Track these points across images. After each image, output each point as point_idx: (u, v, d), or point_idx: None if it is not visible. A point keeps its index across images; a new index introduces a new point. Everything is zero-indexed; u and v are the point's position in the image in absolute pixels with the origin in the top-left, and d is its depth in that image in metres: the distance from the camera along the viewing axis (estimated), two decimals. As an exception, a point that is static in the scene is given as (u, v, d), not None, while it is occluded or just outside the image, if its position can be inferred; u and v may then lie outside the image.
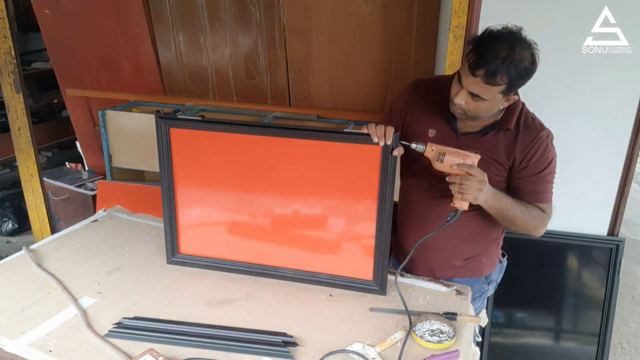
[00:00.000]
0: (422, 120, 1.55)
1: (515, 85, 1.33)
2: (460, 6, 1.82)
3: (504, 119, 1.45)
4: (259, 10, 2.63)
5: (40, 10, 3.17)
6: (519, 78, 1.30)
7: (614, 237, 2.07)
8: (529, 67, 1.30)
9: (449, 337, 1.26)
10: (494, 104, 1.36)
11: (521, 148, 1.44)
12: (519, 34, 1.29)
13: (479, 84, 1.30)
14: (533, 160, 1.44)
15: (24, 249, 1.66)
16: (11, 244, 3.74)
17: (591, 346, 2.19)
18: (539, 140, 1.43)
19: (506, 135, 1.45)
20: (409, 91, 1.60)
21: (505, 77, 1.27)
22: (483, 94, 1.32)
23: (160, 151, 1.50)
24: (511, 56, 1.25)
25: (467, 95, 1.34)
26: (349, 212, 1.46)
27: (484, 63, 1.26)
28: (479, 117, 1.42)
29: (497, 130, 1.46)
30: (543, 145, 1.44)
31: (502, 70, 1.26)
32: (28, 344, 1.23)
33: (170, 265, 1.61)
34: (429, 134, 1.53)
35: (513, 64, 1.26)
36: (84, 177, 3.46)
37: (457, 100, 1.36)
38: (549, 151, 1.45)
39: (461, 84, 1.34)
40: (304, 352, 1.23)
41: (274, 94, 2.82)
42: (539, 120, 1.47)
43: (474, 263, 1.61)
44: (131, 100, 3.09)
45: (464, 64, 1.33)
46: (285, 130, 1.42)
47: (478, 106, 1.36)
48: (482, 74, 1.27)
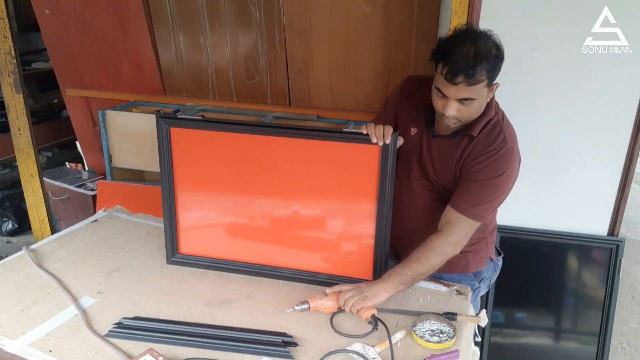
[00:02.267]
0: (407, 118, 1.59)
1: (494, 74, 1.35)
2: (460, 6, 1.82)
3: (471, 125, 1.45)
4: (259, 10, 2.63)
5: (40, 10, 3.16)
6: (494, 66, 1.33)
7: (614, 237, 2.07)
8: (498, 54, 1.33)
9: (449, 337, 1.26)
10: (482, 99, 1.39)
11: (471, 154, 1.44)
12: (472, 30, 1.35)
13: (463, 88, 1.32)
14: (473, 168, 1.43)
15: (24, 249, 1.66)
16: (11, 244, 3.74)
17: (591, 346, 2.19)
18: (491, 152, 1.41)
19: (468, 141, 1.46)
20: (401, 87, 1.64)
21: (484, 72, 1.30)
22: (471, 95, 1.34)
23: (161, 151, 1.50)
24: (479, 51, 1.29)
25: (456, 104, 1.36)
26: (349, 212, 1.46)
27: (459, 68, 1.29)
28: (471, 118, 1.44)
29: (462, 135, 1.46)
30: (493, 158, 1.41)
31: (478, 68, 1.29)
32: (28, 344, 1.23)
33: (170, 265, 1.61)
34: (411, 131, 1.57)
35: (485, 58, 1.29)
36: (84, 177, 3.46)
37: (448, 113, 1.37)
38: (498, 167, 1.41)
39: (445, 96, 1.36)
40: (304, 352, 1.23)
41: (274, 94, 2.82)
42: (507, 136, 1.44)
43: (459, 260, 1.60)
44: (131, 100, 3.09)
45: (439, 77, 1.35)
46: (284, 130, 1.43)
47: (470, 108, 1.38)
48: (462, 79, 1.30)
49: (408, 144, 1.55)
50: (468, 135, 1.46)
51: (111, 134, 2.88)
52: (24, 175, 2.60)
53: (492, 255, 1.71)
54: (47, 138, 4.50)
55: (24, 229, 3.84)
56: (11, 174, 4.33)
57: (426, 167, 1.53)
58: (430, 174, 1.53)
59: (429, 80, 1.49)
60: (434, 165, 1.52)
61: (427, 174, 1.54)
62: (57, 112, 4.71)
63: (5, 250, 3.60)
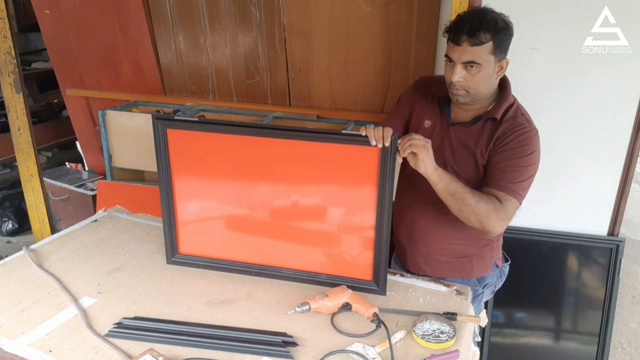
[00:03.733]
0: (420, 112, 1.62)
1: (501, 42, 1.39)
2: (460, 6, 1.82)
3: (493, 109, 1.49)
4: (259, 10, 2.63)
5: (40, 10, 3.17)
6: (501, 34, 1.37)
7: (614, 237, 2.07)
8: (506, 26, 1.40)
9: (449, 337, 1.26)
10: (489, 69, 1.41)
11: (499, 135, 1.46)
12: (485, 7, 1.43)
13: (467, 48, 1.37)
14: (506, 147, 1.45)
15: (24, 249, 1.66)
16: (11, 244, 3.74)
17: (591, 346, 2.19)
18: (519, 131, 1.44)
19: (492, 125, 1.48)
20: (415, 86, 1.67)
21: (488, 34, 1.36)
22: (475, 58, 1.37)
23: (158, 152, 1.50)
24: (485, 18, 1.37)
25: (462, 69, 1.40)
26: (348, 214, 1.46)
27: (462, 28, 1.36)
28: (479, 93, 1.45)
29: (485, 120, 1.49)
30: (522, 136, 1.44)
31: (482, 30, 1.35)
32: (28, 344, 1.23)
33: (170, 265, 1.61)
34: (424, 124, 1.59)
35: (490, 24, 1.36)
36: (84, 177, 3.46)
37: (454, 78, 1.41)
38: (527, 145, 1.44)
39: (452, 61, 1.41)
40: (304, 352, 1.23)
41: (274, 94, 2.82)
42: (528, 117, 1.49)
43: (464, 264, 1.62)
44: (131, 100, 3.09)
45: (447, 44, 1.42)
46: (282, 132, 1.42)
47: (476, 77, 1.40)
48: (466, 37, 1.36)
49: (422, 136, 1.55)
50: (491, 119, 1.48)
51: (111, 134, 2.88)
52: (24, 175, 2.60)
53: (498, 260, 1.70)
54: (47, 138, 4.50)
55: (24, 229, 3.84)
56: (11, 174, 4.34)
57: (445, 155, 1.54)
58: (449, 162, 1.53)
59: (442, 78, 1.52)
60: (453, 153, 1.53)
61: (445, 162, 1.53)
62: (57, 112, 4.72)
63: (5, 250, 3.60)
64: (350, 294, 1.39)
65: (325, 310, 1.36)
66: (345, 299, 1.37)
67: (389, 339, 1.22)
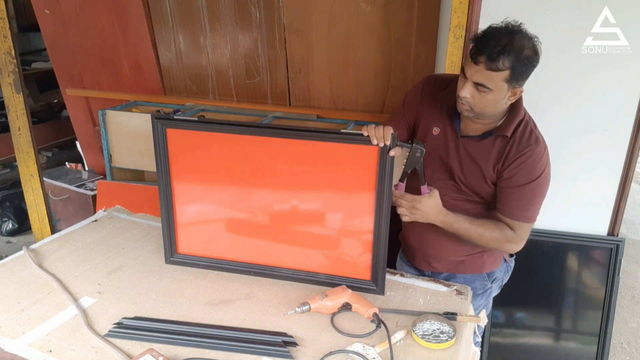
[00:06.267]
0: (429, 117, 1.57)
1: (519, 73, 1.32)
2: (460, 6, 1.83)
3: (503, 125, 1.45)
4: (259, 10, 2.63)
5: (40, 10, 3.17)
6: (521, 64, 1.30)
7: (614, 237, 2.07)
8: (531, 56, 1.31)
9: (449, 337, 1.26)
10: (500, 95, 1.35)
11: (509, 157, 1.43)
12: (518, 27, 1.33)
13: (482, 71, 1.31)
14: (515, 170, 1.43)
15: (24, 249, 1.66)
16: (11, 244, 3.74)
17: (591, 346, 2.19)
18: (528, 153, 1.41)
19: (502, 142, 1.45)
20: (422, 85, 1.61)
21: (507, 62, 1.29)
22: (487, 82, 1.32)
23: (157, 152, 1.50)
24: (512, 43, 1.29)
25: (472, 87, 1.35)
26: (347, 213, 1.46)
27: (485, 48, 1.29)
28: (485, 114, 1.41)
29: (495, 136, 1.46)
30: (531, 159, 1.41)
31: (503, 54, 1.28)
32: (28, 344, 1.23)
33: (170, 265, 1.61)
34: (433, 131, 1.55)
35: (514, 50, 1.28)
36: (84, 177, 3.46)
37: (462, 93, 1.37)
38: (537, 166, 1.42)
39: (465, 77, 1.36)
40: (304, 352, 1.23)
41: (274, 94, 2.82)
42: (537, 134, 1.45)
43: (475, 259, 1.62)
44: (131, 100, 3.09)
45: (466, 55, 1.36)
46: (282, 131, 1.42)
47: (484, 99, 1.36)
48: (484, 59, 1.29)
49: (430, 143, 1.53)
50: (501, 136, 1.44)
51: (111, 134, 2.88)
52: (24, 175, 2.60)
53: (506, 255, 1.71)
54: (47, 138, 4.50)
55: (24, 229, 3.84)
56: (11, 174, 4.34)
57: (452, 167, 1.52)
58: (457, 174, 1.51)
59: (452, 80, 1.49)
60: (461, 165, 1.50)
61: (452, 174, 1.52)
62: (57, 112, 4.72)
63: (5, 250, 3.60)
64: (350, 294, 1.39)
65: (325, 310, 1.36)
66: (345, 299, 1.37)
67: (389, 339, 1.22)
